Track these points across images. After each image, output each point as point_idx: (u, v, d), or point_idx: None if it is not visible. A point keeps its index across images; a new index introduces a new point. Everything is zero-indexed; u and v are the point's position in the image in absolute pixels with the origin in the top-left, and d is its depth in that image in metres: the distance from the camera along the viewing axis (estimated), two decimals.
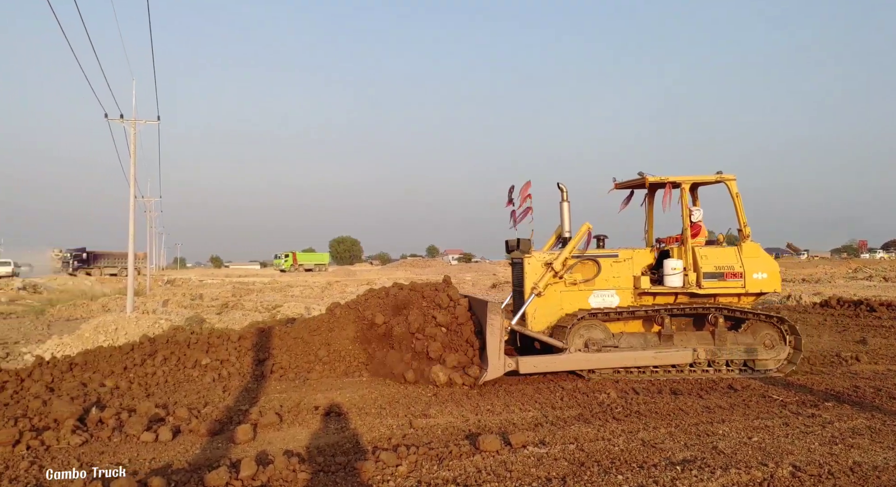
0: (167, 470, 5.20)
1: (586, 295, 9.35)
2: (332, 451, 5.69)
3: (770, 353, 9.17)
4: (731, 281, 9.16)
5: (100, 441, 6.15)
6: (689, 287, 9.15)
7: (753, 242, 9.37)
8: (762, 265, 9.24)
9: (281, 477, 4.94)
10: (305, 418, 7.08)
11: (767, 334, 9.22)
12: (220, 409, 7.28)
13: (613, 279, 9.42)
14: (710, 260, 9.22)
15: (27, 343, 15.34)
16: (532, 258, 9.43)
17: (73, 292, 36.69)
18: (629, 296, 9.41)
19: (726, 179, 9.51)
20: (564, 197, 9.58)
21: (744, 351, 9.13)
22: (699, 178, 9.67)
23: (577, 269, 9.40)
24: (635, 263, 9.53)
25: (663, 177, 9.47)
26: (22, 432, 6.04)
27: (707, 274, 9.16)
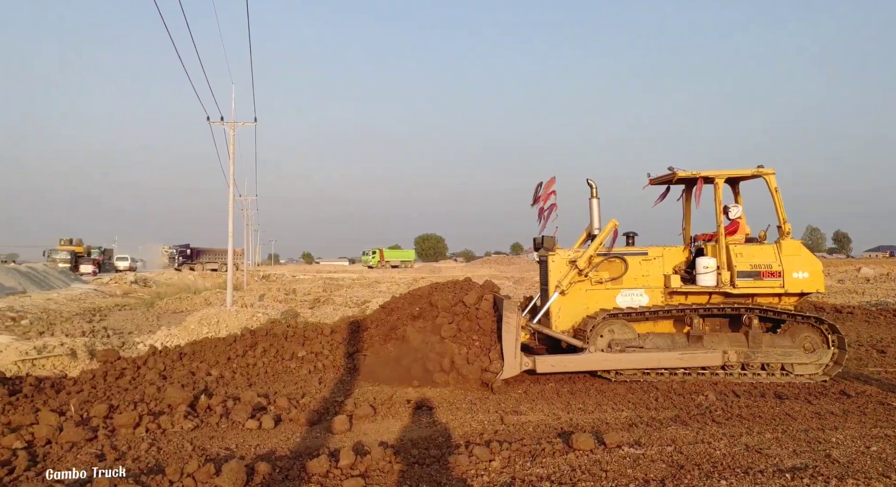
0: (271, 456, 5.45)
1: (613, 294, 9.08)
2: (425, 444, 5.79)
3: (811, 357, 8.60)
4: (769, 281, 8.64)
5: (209, 427, 6.53)
6: (723, 286, 8.72)
7: (794, 240, 8.83)
8: (803, 264, 8.67)
9: (378, 468, 5.07)
10: (398, 411, 7.23)
11: (807, 336, 8.66)
12: (317, 400, 7.55)
13: (643, 277, 9.11)
14: (746, 259, 8.74)
15: (140, 333, 16.48)
16: (556, 256, 9.23)
17: (179, 286, 39.11)
18: (659, 296, 9.08)
19: (764, 173, 8.94)
20: (594, 193, 9.29)
21: (781, 354, 8.60)
22: (734, 172, 9.19)
23: (604, 267, 9.14)
24: (666, 261, 9.19)
25: (695, 172, 9.05)
26: (141, 415, 6.50)
27: (742, 273, 8.69)
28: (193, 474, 4.68)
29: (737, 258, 8.74)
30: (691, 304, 8.82)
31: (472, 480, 4.79)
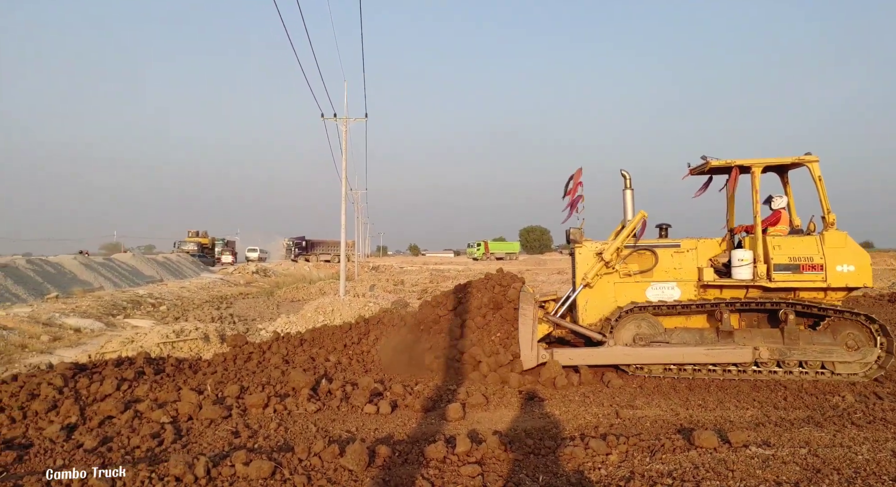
0: (390, 440, 5.65)
1: (643, 287, 8.71)
2: (539, 435, 5.77)
3: (854, 355, 7.99)
4: (809, 274, 8.07)
5: (331, 410, 6.85)
6: (759, 280, 8.20)
7: (840, 231, 8.16)
8: (848, 256, 8.03)
9: (493, 456, 5.12)
10: (510, 401, 7.26)
11: (850, 334, 8.06)
12: (430, 388, 7.72)
13: (674, 270, 8.71)
14: (784, 251, 8.18)
15: (262, 320, 17.53)
16: (583, 248, 8.95)
17: (295, 276, 41.18)
18: (692, 290, 8.64)
19: (807, 161, 8.32)
20: (627, 184, 8.96)
21: (820, 352, 8.04)
22: (772, 160, 8.58)
23: (633, 260, 8.81)
24: (700, 254, 8.73)
25: (729, 161, 8.56)
26: (269, 397, 6.92)
27: (779, 266, 8.13)
28: (320, 453, 4.93)
29: (774, 250, 8.21)
30: (724, 299, 8.42)
31: (590, 473, 4.73)
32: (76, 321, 14.89)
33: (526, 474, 4.74)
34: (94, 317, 15.79)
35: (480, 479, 4.62)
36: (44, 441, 5.54)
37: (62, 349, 11.95)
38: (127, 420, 6.21)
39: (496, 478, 4.67)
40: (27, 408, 6.45)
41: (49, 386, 7.03)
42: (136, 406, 6.56)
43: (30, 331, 12.72)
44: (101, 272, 27.08)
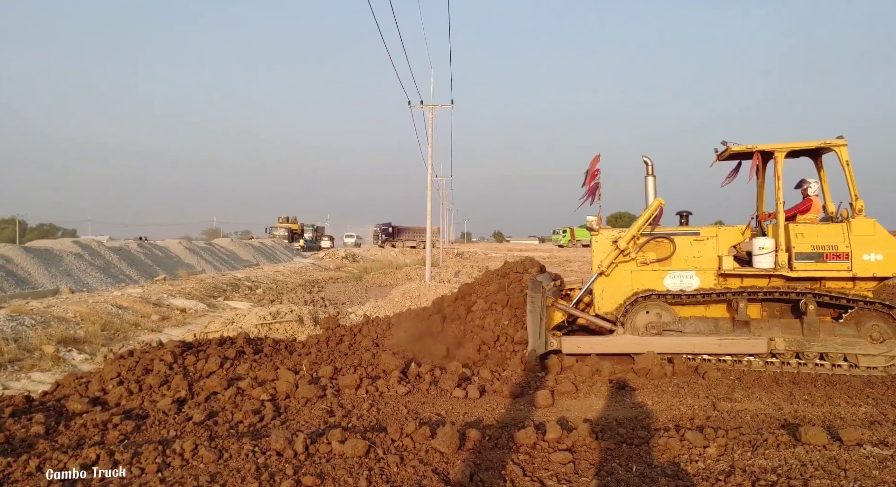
0: (479, 424, 5.68)
1: (661, 275, 8.48)
2: (631, 424, 5.64)
3: (878, 348, 7.60)
4: (834, 263, 7.74)
5: (420, 393, 6.97)
6: (780, 269, 7.91)
7: (868, 218, 7.76)
8: (876, 245, 7.64)
9: (584, 444, 5.05)
10: (600, 389, 7.13)
11: (876, 326, 7.66)
12: (518, 374, 7.69)
13: (693, 259, 8.46)
14: (808, 239, 7.86)
15: (351, 304, 18.03)
16: (600, 236, 8.79)
17: (382, 262, 42.07)
18: (711, 278, 8.36)
19: (834, 145, 7.98)
20: (649, 171, 8.82)
21: (842, 344, 7.70)
22: (796, 145, 8.19)
23: (650, 248, 8.57)
24: (721, 242, 8.44)
25: (750, 146, 8.28)
26: (361, 378, 7.12)
27: (801, 255, 7.84)
28: (412, 435, 5.03)
29: (797, 238, 7.89)
30: (745, 288, 8.13)
31: (686, 465, 4.58)
32: (182, 302, 15.86)
33: (618, 463, 4.65)
34: (198, 299, 16.75)
35: (572, 466, 4.58)
36: (158, 413, 5.95)
37: (170, 328, 12.76)
38: (230, 397, 6.56)
39: (587, 466, 4.61)
40: (142, 382, 6.94)
41: (161, 362, 7.52)
42: (238, 383, 6.91)
43: (142, 311, 13.66)
44: (203, 256, 28.68)
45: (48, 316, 11.28)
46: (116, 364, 7.60)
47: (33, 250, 19.23)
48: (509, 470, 4.48)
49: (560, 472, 4.49)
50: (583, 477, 4.40)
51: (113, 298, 14.44)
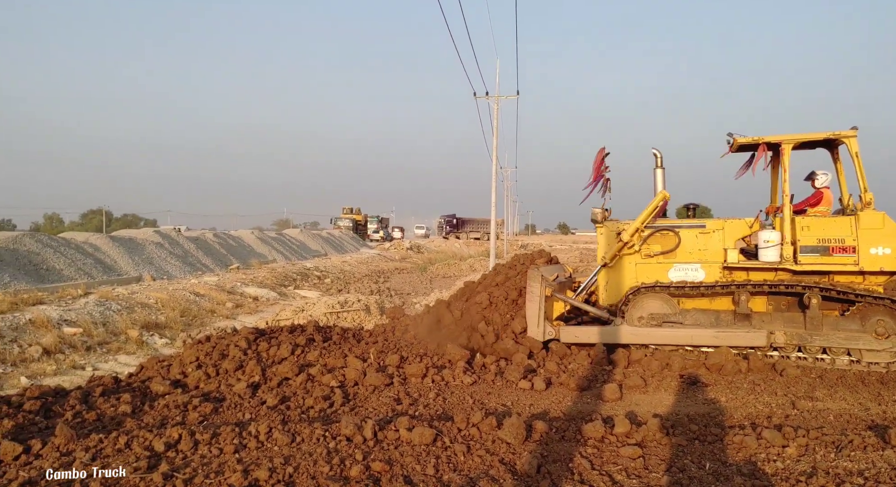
0: (546, 416, 5.65)
1: (665, 268, 8.50)
2: (703, 421, 5.48)
3: (883, 344, 7.40)
4: (840, 257, 7.65)
5: (486, 383, 6.98)
6: (785, 262, 7.85)
7: (877, 211, 7.61)
8: (884, 238, 7.49)
9: (654, 439, 4.94)
10: (670, 384, 6.96)
11: (881, 321, 7.44)
12: (585, 367, 7.59)
13: (699, 252, 8.44)
14: (813, 232, 7.78)
15: (416, 294, 18.23)
16: (605, 228, 8.84)
17: (446, 253, 42.31)
18: (717, 271, 8.33)
19: (843, 136, 7.81)
20: (658, 163, 8.82)
21: (845, 339, 7.54)
22: (803, 137, 8.06)
23: (655, 240, 8.59)
24: (727, 235, 8.38)
25: (756, 138, 8.15)
26: (427, 368, 7.19)
27: (807, 248, 7.77)
28: (478, 425, 5.04)
29: (802, 231, 7.83)
30: (751, 281, 8.04)
31: (763, 464, 4.41)
32: (254, 290, 16.42)
33: (690, 460, 4.52)
34: (269, 287, 17.31)
35: (641, 461, 4.49)
36: (234, 397, 6.19)
37: (243, 315, 13.25)
38: (301, 382, 6.75)
39: (658, 462, 4.51)
40: (219, 366, 7.23)
41: (236, 347, 7.82)
42: (309, 370, 7.10)
43: (217, 298, 14.22)
44: (274, 246, 29.57)
45: (132, 302, 11.90)
46: (195, 348, 7.95)
47: (118, 239, 20.31)
48: (577, 463, 4.43)
49: (629, 467, 4.41)
50: (653, 473, 4.31)
51: (190, 286, 15.09)
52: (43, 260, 16.81)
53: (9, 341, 8.69)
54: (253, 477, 4.00)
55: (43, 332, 9.18)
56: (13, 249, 16.85)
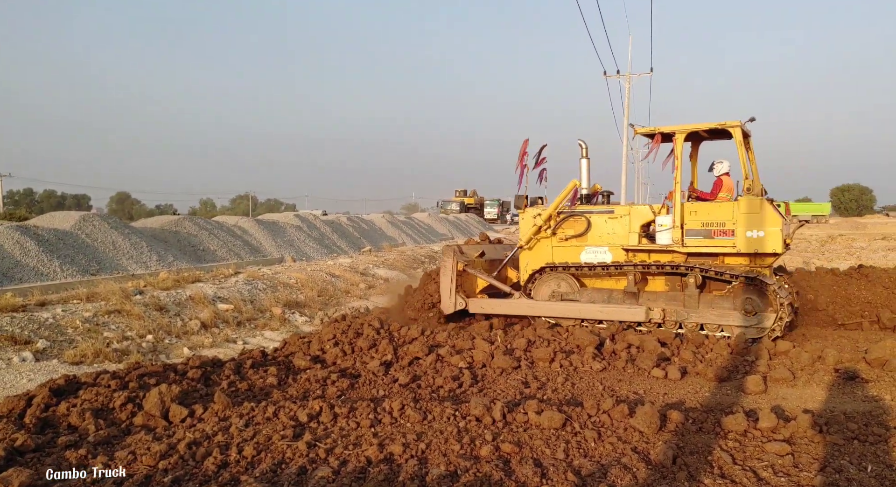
0: (681, 406, 5.41)
1: (578, 250, 9.21)
2: (864, 419, 4.99)
3: (750, 320, 8.07)
4: (720, 240, 8.24)
5: (616, 370, 6.81)
6: (675, 244, 8.44)
7: (756, 197, 8.13)
8: (760, 222, 8.00)
9: (805, 436, 4.58)
10: (822, 378, 6.41)
11: (749, 299, 8.13)
12: (724, 356, 7.18)
13: (608, 235, 9.10)
14: (699, 217, 8.36)
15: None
16: (525, 213, 9.51)
17: None
18: (622, 253, 9.00)
19: (729, 126, 8.37)
20: (584, 154, 9.59)
21: (717, 316, 8.21)
22: (694, 127, 8.67)
23: (569, 225, 9.24)
24: (632, 220, 8.95)
25: (653, 128, 8.78)
26: (555, 352, 7.13)
27: (692, 232, 8.37)
28: (609, 412, 4.93)
29: (690, 216, 8.41)
30: (649, 262, 8.70)
31: None
32: (385, 272, 17.05)
33: (848, 460, 4.14)
34: (399, 270, 17.89)
35: (790, 459, 4.18)
36: (368, 374, 6.48)
37: (375, 296, 13.80)
38: (431, 363, 6.94)
39: (810, 460, 4.18)
40: (354, 344, 7.60)
41: (369, 327, 8.17)
42: (438, 350, 7.28)
43: (351, 280, 14.92)
44: (403, 229, 30.52)
45: (275, 282, 12.77)
46: (332, 327, 8.40)
47: (263, 222, 21.85)
48: (716, 457, 4.21)
49: (776, 464, 4.12)
50: (804, 472, 4.00)
51: (326, 267, 15.94)
52: (200, 241, 18.44)
53: (173, 315, 9.65)
54: (388, 451, 4.17)
55: (201, 308, 10.09)
56: (175, 231, 18.62)
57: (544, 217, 9.21)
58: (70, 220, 16.38)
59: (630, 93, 21.24)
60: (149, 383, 5.80)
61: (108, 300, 9.42)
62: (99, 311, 9.00)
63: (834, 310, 9.37)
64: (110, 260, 15.24)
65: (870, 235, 37.31)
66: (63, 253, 14.30)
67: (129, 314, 9.07)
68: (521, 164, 9.56)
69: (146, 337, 8.59)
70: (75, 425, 4.88)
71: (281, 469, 3.98)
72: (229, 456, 4.17)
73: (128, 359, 7.54)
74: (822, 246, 29.88)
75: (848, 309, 9.30)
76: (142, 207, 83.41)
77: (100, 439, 4.57)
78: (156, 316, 9.36)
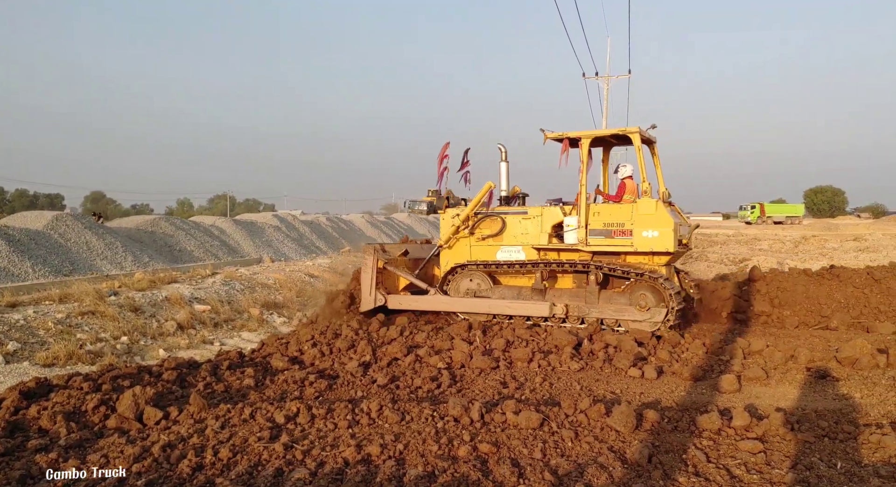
0: (657, 406, 5.46)
1: (494, 249, 9.51)
2: (834, 418, 5.08)
3: (643, 315, 8.49)
4: (620, 239, 8.68)
5: (593, 370, 6.86)
6: (580, 244, 8.83)
7: (651, 199, 8.57)
8: (654, 223, 8.47)
9: (777, 434, 4.65)
10: (795, 377, 6.53)
11: (643, 294, 8.60)
12: (700, 356, 7.27)
13: (522, 235, 9.41)
14: (602, 217, 8.79)
15: None
16: (445, 214, 9.82)
17: None
18: (534, 252, 9.31)
19: (629, 132, 8.80)
20: (503, 157, 9.84)
21: (614, 311, 8.67)
22: (599, 132, 9.27)
23: (486, 225, 9.55)
24: (545, 220, 9.29)
25: (561, 133, 9.09)
26: (533, 352, 7.16)
27: (595, 232, 8.79)
28: (586, 411, 4.97)
29: (593, 217, 8.79)
30: (554, 260, 9.06)
31: None
32: None
33: (819, 458, 4.22)
34: None
35: (763, 456, 4.24)
36: (346, 375, 6.45)
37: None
38: (410, 363, 6.93)
39: (782, 458, 4.24)
40: (333, 345, 7.56)
41: (348, 328, 8.14)
42: (417, 351, 7.27)
43: (330, 280, 14.84)
44: (382, 229, 30.47)
45: (253, 282, 12.68)
46: (310, 327, 8.36)
47: (241, 222, 21.66)
48: (691, 455, 4.26)
49: (749, 462, 4.18)
50: (776, 469, 4.06)
51: (305, 267, 15.86)
52: (176, 241, 18.22)
53: (149, 316, 9.53)
54: (366, 452, 4.16)
55: (177, 309, 9.98)
56: (151, 232, 18.38)
57: (462, 217, 9.55)
58: (42, 220, 16.09)
59: (608, 95, 21.42)
60: (123, 385, 5.72)
61: (82, 301, 9.27)
62: (72, 313, 8.85)
63: (805, 311, 9.58)
64: (84, 261, 15.00)
65: (842, 236, 38.03)
66: (35, 253, 14.05)
67: (104, 315, 8.94)
68: (441, 167, 9.92)
69: (121, 338, 8.47)
70: (46, 428, 4.79)
71: (257, 472, 3.95)
72: (204, 459, 4.12)
73: (101, 361, 7.43)
74: (796, 246, 30.39)
75: (817, 309, 9.54)
76: (117, 207, 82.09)
77: (71, 442, 4.49)
78: (131, 317, 9.23)
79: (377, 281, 9.37)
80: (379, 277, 9.40)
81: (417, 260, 10.24)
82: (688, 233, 9.17)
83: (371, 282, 9.36)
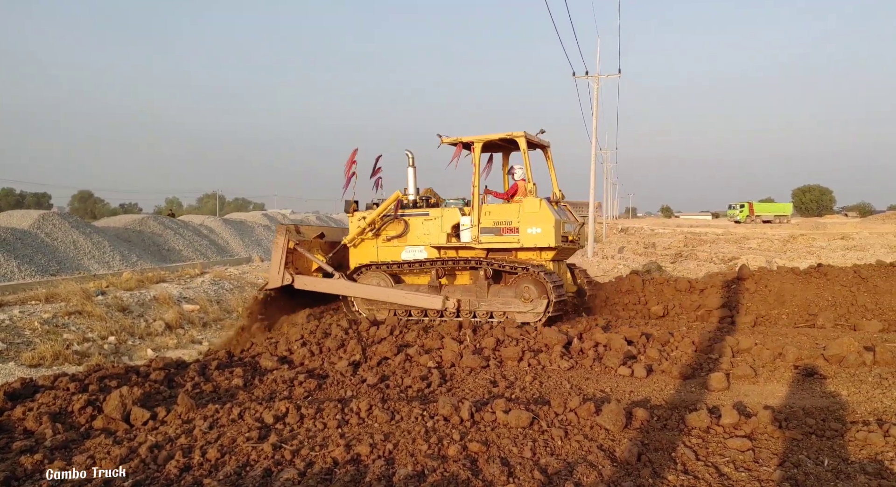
0: (646, 404, 5.47)
1: (399, 250, 9.93)
2: (821, 415, 5.11)
3: (527, 306, 8.91)
4: (507, 236, 9.15)
5: (583, 368, 6.86)
6: (473, 242, 9.26)
7: (536, 198, 9.14)
8: (537, 220, 9.01)
9: (765, 432, 4.67)
10: (783, 375, 6.56)
11: (527, 287, 8.99)
12: (689, 354, 7.29)
13: (425, 236, 9.80)
14: (492, 216, 9.24)
15: None
16: (353, 217, 10.26)
17: None
18: (434, 251, 9.72)
19: (515, 136, 9.23)
20: (410, 162, 10.17)
21: (501, 304, 9.06)
22: (489, 137, 9.51)
23: (392, 227, 9.95)
24: (445, 221, 9.69)
25: (455, 138, 9.50)
26: (523, 351, 7.16)
27: (485, 230, 9.21)
28: (576, 410, 4.97)
29: (484, 216, 9.21)
30: (456, 258, 9.41)
31: (892, 463, 4.07)
32: None
33: (806, 455, 4.24)
34: None
35: (751, 454, 4.26)
36: (336, 374, 6.43)
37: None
38: (399, 362, 6.92)
39: (769, 455, 4.26)
40: (322, 344, 7.54)
41: (338, 327, 8.11)
42: (407, 350, 7.26)
43: None
44: None
45: (242, 282, 12.62)
46: (299, 327, 8.32)
47: (230, 222, 21.56)
48: (680, 453, 4.27)
49: (737, 459, 4.20)
50: (764, 467, 4.08)
51: None
52: (165, 240, 18.10)
53: (137, 316, 9.46)
54: (355, 452, 4.14)
55: (165, 308, 9.91)
56: (139, 231, 18.25)
57: (367, 221, 9.95)
58: (29, 219, 15.95)
59: (598, 94, 21.48)
60: (110, 385, 5.67)
61: (69, 301, 9.19)
62: (59, 312, 8.77)
63: (793, 309, 9.64)
64: (71, 260, 14.87)
65: (829, 235, 38.32)
66: (21, 252, 13.91)
67: (91, 315, 8.86)
68: (349, 172, 10.19)
69: (108, 338, 8.40)
70: (31, 429, 4.75)
71: (245, 472, 3.93)
72: (192, 459, 4.09)
73: (88, 361, 7.37)
74: (784, 245, 30.62)
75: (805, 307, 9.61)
76: (105, 206, 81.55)
77: (57, 443, 4.45)
78: (118, 317, 9.16)
79: (287, 260, 9.66)
80: (289, 257, 9.70)
81: (335, 244, 10.58)
82: (574, 230, 9.69)
83: (280, 261, 9.63)
